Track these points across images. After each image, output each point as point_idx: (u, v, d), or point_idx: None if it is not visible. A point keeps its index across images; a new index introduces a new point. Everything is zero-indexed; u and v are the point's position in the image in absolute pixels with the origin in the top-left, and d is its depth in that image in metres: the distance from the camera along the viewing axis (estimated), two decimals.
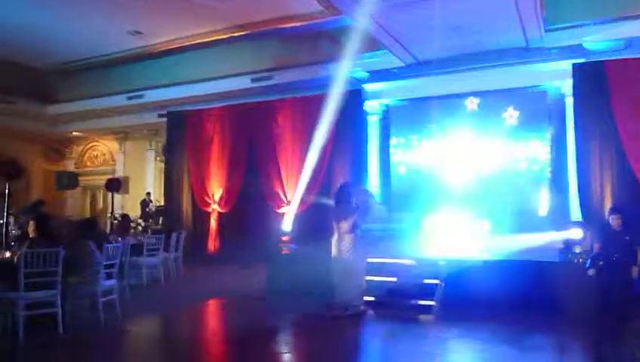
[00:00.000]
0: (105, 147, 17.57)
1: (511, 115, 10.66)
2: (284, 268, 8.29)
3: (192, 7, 10.78)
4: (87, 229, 6.59)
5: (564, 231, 8.82)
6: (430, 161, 11.37)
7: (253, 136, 12.34)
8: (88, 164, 17.85)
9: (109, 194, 17.14)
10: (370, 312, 6.76)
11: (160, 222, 14.08)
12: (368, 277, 7.37)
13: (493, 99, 10.86)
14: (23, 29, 11.85)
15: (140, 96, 14.10)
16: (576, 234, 8.61)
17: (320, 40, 11.78)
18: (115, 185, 14.37)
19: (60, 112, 15.62)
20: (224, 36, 12.38)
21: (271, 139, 12.09)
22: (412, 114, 11.63)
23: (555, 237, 8.50)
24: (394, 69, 11.40)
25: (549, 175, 10.33)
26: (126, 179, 16.72)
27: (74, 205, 17.67)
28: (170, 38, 12.47)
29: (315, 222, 10.81)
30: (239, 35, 12.30)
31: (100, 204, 17.61)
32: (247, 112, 12.52)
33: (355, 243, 6.48)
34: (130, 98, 14.27)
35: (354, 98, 11.52)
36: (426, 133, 11.45)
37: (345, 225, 6.54)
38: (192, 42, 12.64)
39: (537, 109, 10.48)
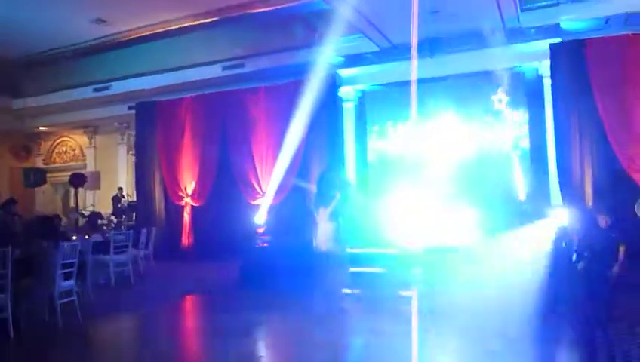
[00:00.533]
0: (74, 142, 16.97)
1: (489, 98, 10.43)
2: (258, 262, 7.96)
3: None
4: (43, 228, 6.15)
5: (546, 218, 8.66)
6: (408, 147, 11.10)
7: (225, 126, 11.91)
8: (57, 159, 17.24)
9: (81, 190, 16.69)
10: (352, 306, 6.43)
11: (133, 217, 13.62)
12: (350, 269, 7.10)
13: (472, 82, 10.60)
14: None
15: (107, 88, 13.60)
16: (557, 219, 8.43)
17: (293, 25, 11.42)
18: (80, 180, 13.80)
19: (25, 106, 15.01)
20: (194, 23, 11.86)
21: (244, 129, 11.69)
22: (388, 99, 11.31)
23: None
24: (369, 53, 11.11)
25: (528, 158, 10.13)
26: (97, 175, 16.16)
27: (45, 202, 17.06)
28: (137, 26, 11.93)
29: (292, 214, 10.52)
30: (210, 22, 11.81)
31: (72, 201, 17.01)
32: (219, 102, 12.09)
33: (336, 233, 6.07)
34: (96, 90, 13.77)
35: (329, 84, 11.12)
36: (403, 119, 11.16)
37: (325, 214, 6.12)
38: (160, 30, 12.09)
39: (516, 91, 10.25)
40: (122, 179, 15.49)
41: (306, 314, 5.85)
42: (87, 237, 9.18)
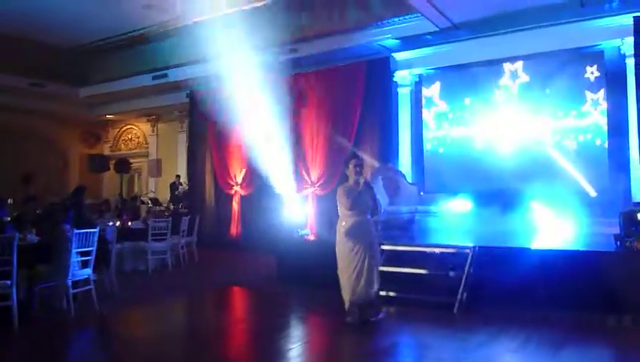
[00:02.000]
0: (138, 130, 17.35)
1: (560, 81, 9.28)
2: (295, 256, 7.48)
3: None
4: (66, 213, 5.99)
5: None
6: (468, 135, 10.18)
7: (276, 113, 11.50)
8: (123, 147, 17.72)
9: (144, 177, 17.08)
10: (386, 311, 5.78)
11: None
12: (386, 268, 6.43)
13: (540, 63, 9.54)
14: (43, 9, 11.54)
15: (165, 76, 13.57)
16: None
17: (347, 6, 10.82)
18: (123, 166, 14.02)
19: (91, 94, 15.40)
20: (245, 7, 11.59)
21: (295, 115, 11.23)
22: (447, 84, 10.45)
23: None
24: (427, 34, 10.22)
25: (605, 149, 8.92)
26: (159, 162, 16.44)
27: (110, 188, 17.62)
28: (189, 12, 11.79)
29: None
30: (261, 6, 11.49)
31: (136, 187, 17.47)
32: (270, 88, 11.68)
33: (372, 224, 5.34)
34: (154, 78, 13.78)
35: (382, 68, 10.50)
36: (462, 105, 10.25)
37: (367, 200, 5.29)
38: (214, 15, 11.92)
39: (593, 73, 9.05)
40: (182, 166, 15.58)
41: (334, 320, 5.28)
42: (129, 223, 9.17)
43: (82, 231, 5.49)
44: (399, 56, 10.66)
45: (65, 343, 4.85)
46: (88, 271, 5.69)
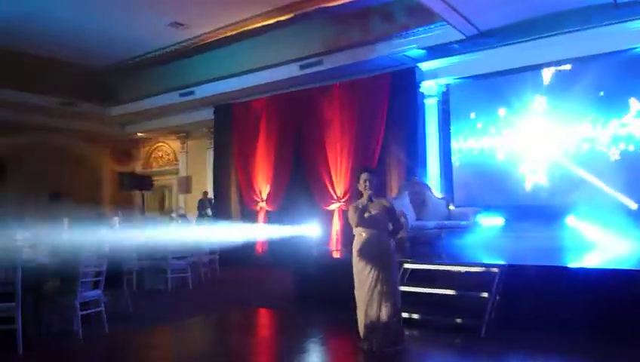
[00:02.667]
0: (168, 147, 17.49)
1: (598, 87, 8.76)
2: (314, 274, 7.19)
3: None
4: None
5: None
6: (499, 146, 9.74)
7: (300, 127, 11.38)
8: (154, 164, 17.89)
9: (174, 194, 17.17)
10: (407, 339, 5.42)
11: None
12: (408, 288, 6.08)
13: (575, 69, 9.02)
14: (73, 30, 11.77)
15: (191, 93, 13.65)
16: None
17: (371, 17, 10.61)
18: (144, 183, 14.03)
19: (121, 113, 15.64)
20: (270, 21, 11.49)
21: (319, 130, 11.06)
22: (476, 93, 10.06)
23: None
24: (453, 43, 9.88)
25: None
26: (189, 179, 16.48)
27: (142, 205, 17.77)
28: (213, 29, 11.80)
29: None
30: (286, 20, 11.36)
31: (167, 204, 17.57)
32: (293, 102, 11.59)
33: (389, 244, 4.90)
34: (182, 95, 13.88)
35: (408, 79, 10.22)
36: (492, 115, 9.82)
37: (380, 217, 4.90)
38: (237, 31, 11.88)
39: (632, 77, 8.50)
40: (211, 183, 15.57)
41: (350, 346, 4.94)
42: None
43: (92, 250, 5.36)
44: (425, 66, 10.35)
45: None
46: (98, 291, 5.55)
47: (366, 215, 4.71)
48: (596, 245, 7.54)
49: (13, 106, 13.85)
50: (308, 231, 10.27)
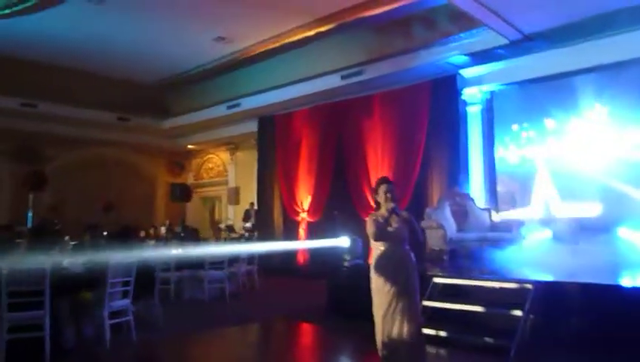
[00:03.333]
0: (219, 159, 17.88)
1: None
2: (345, 286, 7.08)
3: (271, 3, 10.13)
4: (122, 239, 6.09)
5: None
6: (547, 155, 9.26)
7: (340, 137, 11.33)
8: (205, 175, 18.33)
9: (224, 204, 17.50)
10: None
11: None
12: (437, 304, 5.85)
13: (629, 71, 8.43)
14: (124, 48, 12.34)
15: (237, 105, 13.92)
16: None
17: (412, 24, 10.43)
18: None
19: (173, 126, 16.18)
20: (311, 33, 11.54)
21: (359, 140, 10.96)
22: (522, 100, 9.64)
23: None
24: (497, 48, 9.52)
25: None
26: (237, 190, 16.77)
27: (195, 215, 18.27)
28: (255, 42, 12.00)
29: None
30: (327, 30, 11.38)
31: (217, 215, 17.94)
32: (334, 113, 11.57)
33: (409, 258, 4.70)
34: (229, 107, 14.18)
35: (449, 86, 9.94)
36: (540, 122, 9.36)
37: (395, 231, 4.48)
38: (280, 43, 12.02)
39: None
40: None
41: None
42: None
43: (121, 260, 5.51)
44: (467, 72, 10.04)
45: None
46: (127, 301, 5.69)
47: (389, 228, 4.55)
48: None
49: (73, 123, 14.64)
50: (345, 242, 10.14)
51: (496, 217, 9.17)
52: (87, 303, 5.54)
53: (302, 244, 11.27)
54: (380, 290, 4.58)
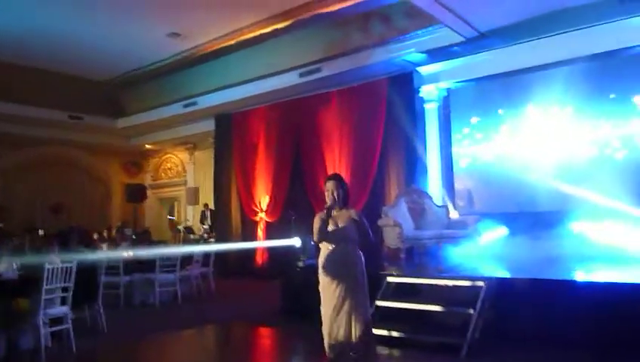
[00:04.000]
0: (177, 159, 17.45)
1: (605, 87, 8.30)
2: (298, 286, 6.90)
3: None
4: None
5: None
6: (503, 152, 9.32)
7: (298, 135, 11.16)
8: (163, 175, 17.87)
9: (182, 205, 17.09)
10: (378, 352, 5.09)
11: None
12: (389, 303, 5.74)
13: (580, 69, 8.53)
14: (75, 44, 11.83)
15: (194, 103, 13.54)
16: None
17: (369, 21, 10.33)
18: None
19: (128, 125, 15.66)
20: (267, 29, 11.31)
21: (317, 137, 10.81)
22: (478, 97, 9.69)
23: None
24: (453, 45, 9.50)
25: None
26: (196, 190, 16.37)
27: (153, 217, 17.80)
28: (211, 38, 11.68)
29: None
30: (283, 27, 11.17)
31: (176, 216, 17.50)
32: (291, 110, 11.38)
33: (354, 258, 4.39)
34: (185, 106, 13.78)
35: (406, 84, 9.88)
36: (496, 119, 9.42)
37: (338, 230, 4.35)
38: (236, 40, 11.74)
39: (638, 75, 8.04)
40: None
41: None
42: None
43: (55, 265, 5.18)
44: (425, 70, 10.01)
45: None
46: (64, 308, 5.36)
47: (330, 228, 4.39)
48: (600, 254, 7.05)
49: (21, 121, 13.98)
50: (297, 242, 9.96)
51: (454, 214, 9.15)
52: (22, 311, 5.18)
53: (254, 244, 11.05)
54: (326, 290, 4.43)
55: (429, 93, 10.00)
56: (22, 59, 12.69)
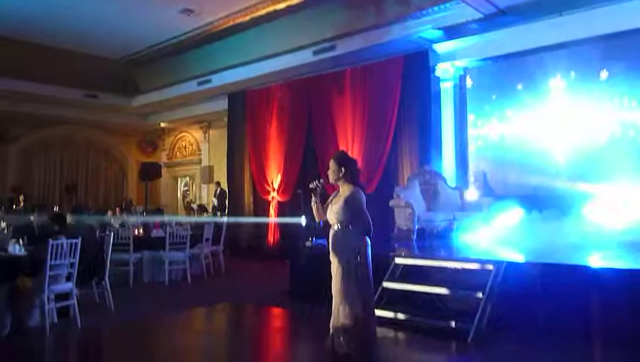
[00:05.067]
0: (192, 137, 17.43)
1: (629, 67, 7.95)
2: (306, 267, 6.83)
3: None
4: (57, 224, 5.74)
5: None
6: (520, 133, 9.05)
7: (311, 114, 10.98)
8: (178, 154, 17.89)
9: (197, 184, 17.12)
10: (383, 335, 5.01)
11: None
12: (395, 285, 5.63)
13: (604, 47, 8.18)
14: (89, 23, 11.79)
15: (208, 81, 13.43)
16: None
17: None
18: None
19: (142, 103, 15.64)
20: (281, 6, 11.11)
21: (330, 116, 10.62)
22: (496, 76, 9.38)
23: None
24: (470, 22, 9.19)
25: None
26: (211, 168, 16.39)
27: (168, 195, 17.90)
28: (224, 15, 11.52)
29: (377, 211, 9.20)
30: (297, 4, 10.95)
31: (190, 194, 17.57)
32: (305, 89, 11.20)
33: (347, 240, 4.17)
34: (199, 84, 13.69)
35: (421, 62, 9.61)
36: (513, 99, 9.13)
37: (332, 210, 4.25)
38: (250, 17, 11.56)
39: None
40: None
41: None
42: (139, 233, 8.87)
43: (59, 241, 5.18)
44: (441, 48, 9.71)
45: None
46: (70, 285, 5.37)
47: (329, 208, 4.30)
48: (616, 240, 6.82)
49: (37, 99, 14.05)
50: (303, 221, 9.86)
51: (467, 196, 8.96)
52: (26, 289, 5.19)
53: (258, 220, 10.99)
54: (332, 271, 4.34)
55: (445, 71, 9.72)
56: (36, 38, 12.70)
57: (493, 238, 7.68)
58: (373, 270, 4.28)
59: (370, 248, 4.28)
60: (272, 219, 11.19)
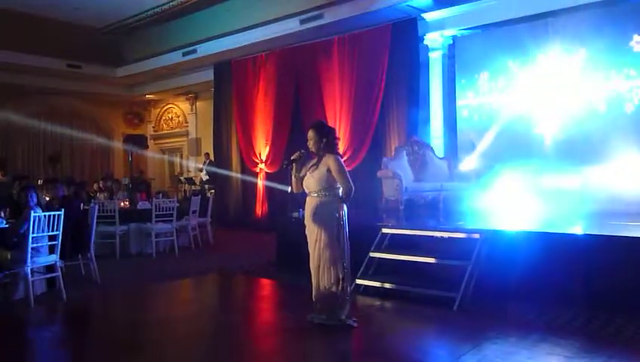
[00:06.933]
0: (178, 109, 17.19)
1: (623, 35, 7.87)
2: (293, 238, 6.79)
3: None
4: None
5: None
6: (509, 103, 8.99)
7: (298, 84, 10.83)
8: (165, 126, 17.66)
9: (189, 156, 16.93)
10: (369, 303, 5.05)
11: None
12: (383, 255, 5.63)
13: (597, 14, 8.07)
14: None
15: (194, 52, 13.16)
16: None
17: None
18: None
19: (127, 74, 15.34)
20: None
21: (318, 87, 10.47)
22: (486, 45, 9.26)
23: None
24: None
25: None
26: (198, 141, 16.24)
27: (154, 167, 17.71)
28: None
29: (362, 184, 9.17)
30: None
31: (178, 167, 17.41)
32: (291, 58, 11.01)
33: (329, 208, 4.19)
34: (185, 54, 13.41)
35: (410, 31, 9.45)
36: (503, 69, 9.05)
37: (311, 179, 4.27)
38: None
39: None
40: None
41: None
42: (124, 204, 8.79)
43: (44, 213, 5.09)
44: (430, 16, 9.55)
45: (18, 341, 4.43)
46: (54, 257, 5.31)
47: (306, 177, 4.28)
48: (604, 207, 6.86)
49: (19, 70, 13.70)
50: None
51: (456, 166, 8.94)
52: (5, 261, 5.11)
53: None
54: (309, 240, 4.37)
55: (434, 41, 9.58)
56: (18, 5, 12.32)
57: (481, 208, 7.70)
58: (361, 240, 4.33)
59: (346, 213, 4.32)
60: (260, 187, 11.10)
